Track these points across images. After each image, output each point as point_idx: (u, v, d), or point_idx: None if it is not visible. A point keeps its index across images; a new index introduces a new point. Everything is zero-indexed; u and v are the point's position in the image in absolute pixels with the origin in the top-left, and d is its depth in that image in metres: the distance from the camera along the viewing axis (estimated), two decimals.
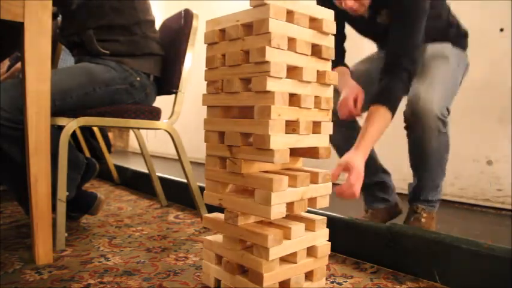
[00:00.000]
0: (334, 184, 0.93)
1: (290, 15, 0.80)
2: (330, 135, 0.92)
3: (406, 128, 1.24)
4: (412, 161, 1.32)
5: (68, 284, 0.95)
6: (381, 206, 1.48)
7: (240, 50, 0.82)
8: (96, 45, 1.40)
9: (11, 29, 1.03)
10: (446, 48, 1.33)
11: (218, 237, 0.96)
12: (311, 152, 0.91)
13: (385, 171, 1.49)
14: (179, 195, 1.88)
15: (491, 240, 1.02)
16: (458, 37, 1.38)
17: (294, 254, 0.87)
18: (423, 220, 1.31)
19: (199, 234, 1.41)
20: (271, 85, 0.77)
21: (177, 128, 1.51)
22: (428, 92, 1.17)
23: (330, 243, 0.95)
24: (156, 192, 1.90)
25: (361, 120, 1.29)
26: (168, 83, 1.54)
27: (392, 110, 1.15)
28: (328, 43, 0.88)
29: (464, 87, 1.98)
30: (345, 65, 1.41)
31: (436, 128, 1.17)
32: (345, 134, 1.35)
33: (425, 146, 1.22)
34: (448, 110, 1.21)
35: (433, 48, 1.32)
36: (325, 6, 0.88)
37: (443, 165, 1.31)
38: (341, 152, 1.32)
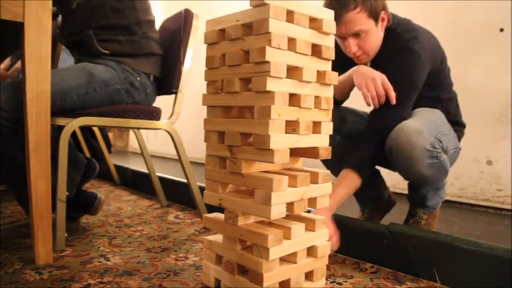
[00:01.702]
0: None
1: (290, 15, 0.80)
2: None
3: (389, 157, 1.16)
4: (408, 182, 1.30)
5: (68, 284, 0.95)
6: (375, 205, 1.48)
7: (240, 50, 0.82)
8: (96, 45, 1.40)
9: (11, 29, 1.03)
10: (435, 109, 1.28)
11: (218, 237, 0.96)
12: (311, 152, 0.91)
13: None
14: (179, 195, 1.88)
15: (491, 240, 1.02)
16: (455, 123, 1.32)
17: (294, 254, 0.87)
18: (423, 222, 1.32)
19: (199, 234, 1.41)
20: (271, 85, 0.77)
21: (177, 128, 1.51)
22: (413, 124, 1.11)
23: (330, 243, 0.95)
24: (156, 192, 1.90)
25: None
26: (168, 83, 1.54)
27: (362, 175, 1.15)
28: (328, 43, 0.88)
29: (465, 88, 1.98)
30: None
31: (424, 159, 1.10)
32: None
33: (416, 175, 1.15)
34: (440, 141, 1.14)
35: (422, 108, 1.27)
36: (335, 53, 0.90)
37: (441, 182, 1.28)
38: None
